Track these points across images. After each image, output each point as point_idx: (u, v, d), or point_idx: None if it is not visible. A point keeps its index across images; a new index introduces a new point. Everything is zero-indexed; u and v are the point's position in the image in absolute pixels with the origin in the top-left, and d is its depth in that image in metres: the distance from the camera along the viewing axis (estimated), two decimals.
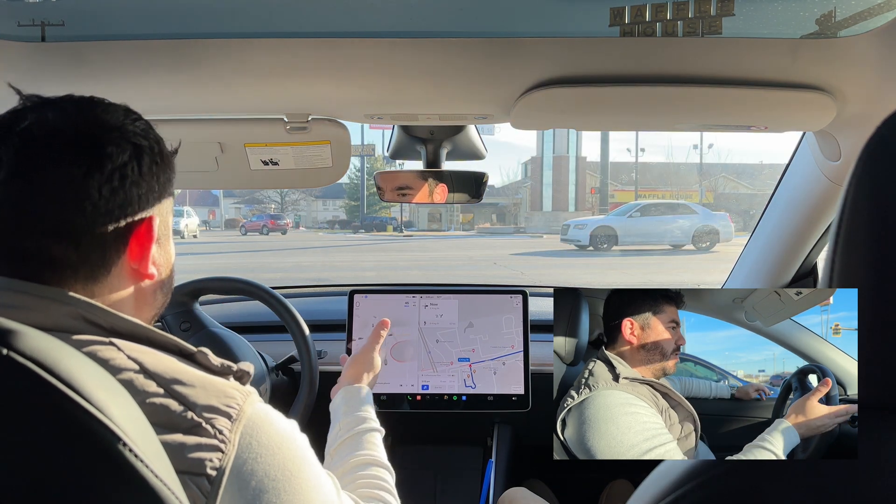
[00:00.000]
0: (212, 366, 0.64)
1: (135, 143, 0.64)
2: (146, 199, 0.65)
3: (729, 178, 35.00)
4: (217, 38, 0.88)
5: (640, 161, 37.42)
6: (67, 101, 0.63)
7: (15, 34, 0.86)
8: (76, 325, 0.59)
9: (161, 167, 0.67)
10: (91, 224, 0.60)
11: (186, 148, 1.25)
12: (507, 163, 79.57)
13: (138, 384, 0.56)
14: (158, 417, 0.55)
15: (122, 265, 0.64)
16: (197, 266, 11.87)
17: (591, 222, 18.38)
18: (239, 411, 0.59)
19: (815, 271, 1.53)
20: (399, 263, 13.65)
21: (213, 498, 0.55)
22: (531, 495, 1.38)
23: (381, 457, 0.93)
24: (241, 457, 0.57)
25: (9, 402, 0.44)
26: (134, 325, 0.62)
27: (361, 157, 32.31)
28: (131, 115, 0.66)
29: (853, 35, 0.84)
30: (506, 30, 0.87)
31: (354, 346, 1.60)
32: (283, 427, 0.63)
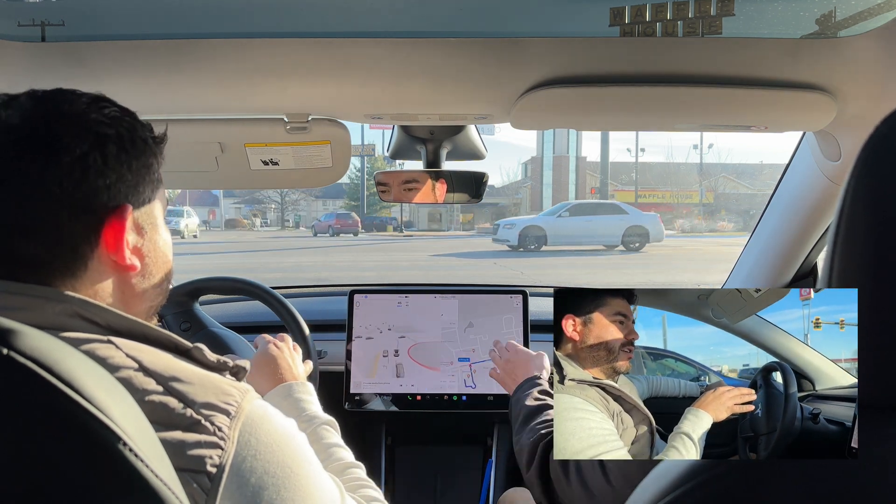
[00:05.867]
0: (208, 362, 0.63)
1: (97, 132, 0.61)
2: (116, 189, 0.62)
3: (729, 178, 34.99)
4: (217, 38, 0.88)
5: (640, 161, 37.43)
6: (26, 97, 0.62)
7: (15, 34, 0.86)
8: (72, 322, 0.58)
9: (132, 154, 0.64)
10: (55, 219, 0.59)
11: (186, 148, 1.27)
12: (507, 163, 79.58)
13: (137, 382, 0.56)
14: (158, 415, 0.55)
15: (100, 258, 0.62)
16: (197, 266, 11.87)
17: (521, 222, 17.62)
18: (237, 408, 0.59)
19: (815, 271, 1.53)
20: (401, 263, 13.65)
21: (213, 495, 0.55)
22: (531, 495, 1.38)
23: (348, 455, 0.90)
24: (241, 454, 0.57)
25: (9, 402, 0.44)
26: (130, 321, 0.61)
27: (361, 157, 32.32)
28: (98, 104, 0.64)
29: (853, 35, 0.84)
30: (506, 30, 0.87)
31: (355, 347, 1.60)
32: (281, 424, 0.63)
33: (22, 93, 0.62)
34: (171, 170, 1.30)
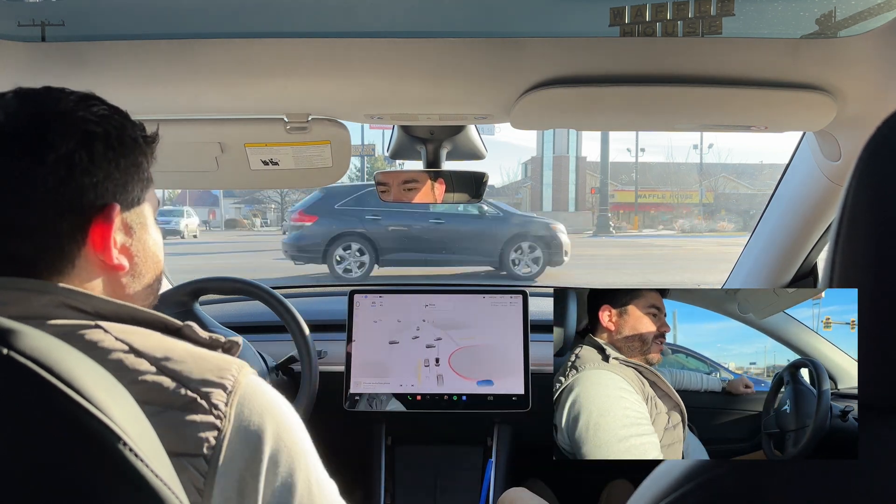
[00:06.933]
0: (200, 339, 0.63)
1: (85, 129, 0.61)
2: (104, 188, 0.62)
3: (729, 178, 34.99)
4: (217, 37, 0.88)
5: (640, 161, 37.44)
6: (13, 95, 0.61)
7: (15, 34, 0.86)
8: (58, 311, 0.58)
9: (121, 153, 0.63)
10: (41, 217, 0.59)
11: (186, 148, 1.27)
12: (507, 163, 79.43)
13: (129, 364, 0.55)
14: (152, 396, 0.54)
15: (88, 257, 0.62)
16: (197, 266, 11.86)
17: None
18: (234, 382, 0.58)
19: (815, 271, 1.53)
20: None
21: (210, 477, 0.54)
22: (531, 495, 1.38)
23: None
24: (236, 426, 0.56)
25: (9, 402, 0.44)
26: (117, 305, 0.61)
27: (361, 157, 32.28)
28: (87, 102, 0.63)
29: (853, 35, 0.84)
30: (506, 30, 0.87)
31: (355, 347, 1.60)
32: (279, 400, 0.62)
33: (9, 91, 0.62)
34: (171, 170, 1.31)
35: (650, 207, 35.21)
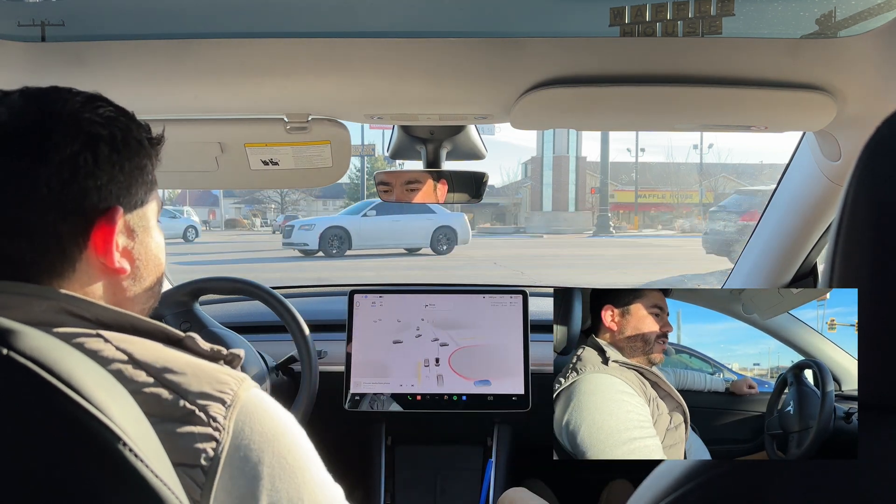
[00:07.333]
0: (201, 350, 0.62)
1: (90, 131, 0.60)
2: (107, 190, 0.61)
3: (729, 178, 34.95)
4: (217, 37, 0.88)
5: (640, 161, 37.42)
6: (19, 94, 0.61)
7: (15, 34, 0.86)
8: (60, 318, 0.57)
9: (125, 156, 0.63)
10: (42, 219, 0.58)
11: (186, 148, 1.27)
12: (507, 163, 79.44)
13: (127, 374, 0.55)
14: (150, 407, 0.53)
15: (89, 260, 0.61)
16: (197, 266, 11.86)
17: (321, 222, 15.54)
18: (233, 397, 0.58)
19: (815, 271, 1.53)
20: (400, 263, 13.63)
21: (207, 489, 0.54)
22: (531, 495, 1.38)
23: None
24: (235, 444, 0.56)
25: (9, 402, 0.44)
26: (118, 314, 0.60)
27: (361, 157, 32.26)
28: (94, 104, 0.62)
29: (853, 35, 0.84)
30: (506, 30, 0.87)
31: (355, 347, 1.60)
32: (279, 415, 0.62)
33: (15, 90, 0.61)
34: (171, 170, 1.31)
35: (650, 207, 35.20)
